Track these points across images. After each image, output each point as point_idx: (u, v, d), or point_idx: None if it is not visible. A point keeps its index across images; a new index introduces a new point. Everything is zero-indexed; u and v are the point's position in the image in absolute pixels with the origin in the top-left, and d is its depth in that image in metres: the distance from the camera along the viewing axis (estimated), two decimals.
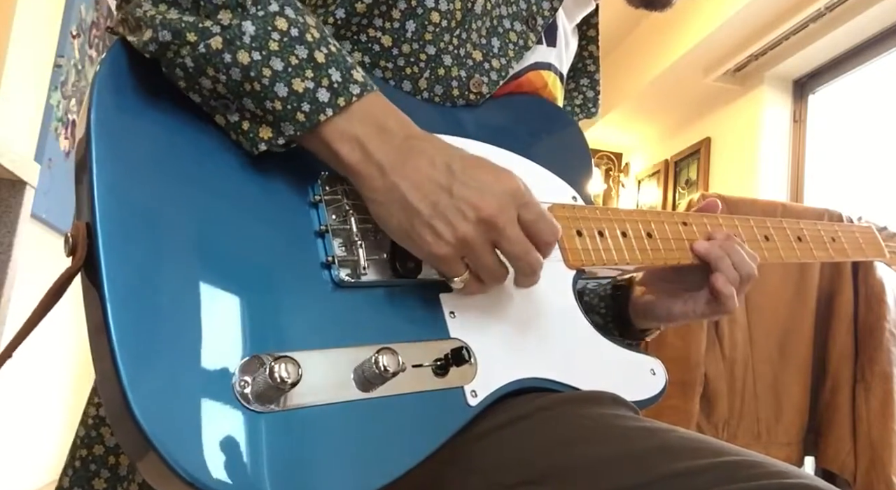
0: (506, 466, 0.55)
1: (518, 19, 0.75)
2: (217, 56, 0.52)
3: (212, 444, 0.46)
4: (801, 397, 1.76)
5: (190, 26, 0.53)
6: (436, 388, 0.56)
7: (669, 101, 3.96)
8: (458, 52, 0.70)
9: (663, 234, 0.76)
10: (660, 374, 0.72)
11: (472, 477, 0.56)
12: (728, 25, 3.19)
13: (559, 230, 0.59)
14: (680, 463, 0.50)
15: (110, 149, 0.52)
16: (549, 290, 0.67)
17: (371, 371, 0.52)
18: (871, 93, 3.20)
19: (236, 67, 0.53)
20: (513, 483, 0.54)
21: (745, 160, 3.54)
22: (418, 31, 0.67)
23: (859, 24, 2.93)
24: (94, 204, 0.49)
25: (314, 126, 0.54)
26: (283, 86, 0.53)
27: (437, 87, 0.69)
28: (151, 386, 0.46)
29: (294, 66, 0.53)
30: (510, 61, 0.73)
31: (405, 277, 0.59)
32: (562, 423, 0.58)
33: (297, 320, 0.53)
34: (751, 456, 0.51)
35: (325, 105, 0.54)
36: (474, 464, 0.57)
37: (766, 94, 3.47)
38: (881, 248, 1.00)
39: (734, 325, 1.72)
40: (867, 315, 1.73)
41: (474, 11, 0.71)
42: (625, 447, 0.54)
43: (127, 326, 0.46)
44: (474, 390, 0.58)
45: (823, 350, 1.78)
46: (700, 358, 1.65)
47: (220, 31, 0.53)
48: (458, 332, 0.60)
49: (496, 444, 0.57)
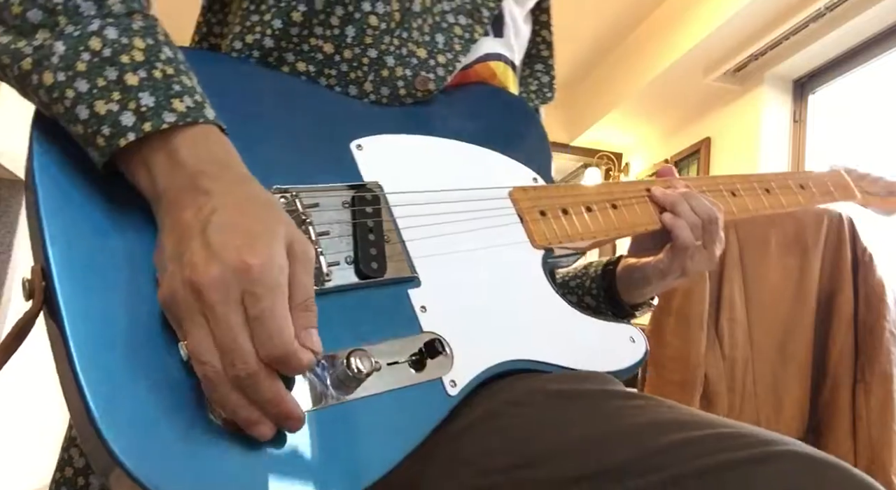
0: (496, 453, 0.55)
1: (462, 13, 0.75)
2: (27, 77, 0.51)
3: (184, 459, 0.45)
4: (800, 397, 1.76)
5: (3, 48, 0.51)
6: (414, 382, 0.56)
7: (669, 101, 3.96)
8: (401, 52, 0.70)
9: (628, 203, 0.77)
10: (639, 340, 0.71)
11: (462, 467, 0.56)
12: (728, 25, 3.18)
13: (291, 346, 0.46)
14: (669, 436, 0.50)
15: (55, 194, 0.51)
16: (519, 272, 0.68)
17: (344, 374, 0.52)
18: (871, 93, 3.20)
19: (42, 89, 0.50)
20: (504, 467, 0.54)
21: (745, 160, 3.54)
22: (358, 35, 0.68)
23: (859, 24, 2.93)
24: (46, 247, 0.49)
25: (113, 150, 0.49)
26: (84, 108, 0.49)
27: (384, 88, 0.70)
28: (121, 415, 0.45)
29: (100, 88, 0.49)
30: (457, 56, 0.73)
31: (371, 278, 0.59)
32: (550, 407, 0.57)
33: None
34: (741, 427, 0.51)
35: (128, 129, 0.49)
36: (461, 453, 0.56)
37: (766, 94, 3.47)
38: (851, 190, 1.00)
39: (734, 324, 1.72)
40: (867, 315, 1.73)
41: (412, 10, 0.71)
42: (614, 425, 0.53)
43: (91, 366, 0.45)
44: (453, 380, 0.58)
45: (823, 350, 1.78)
46: (700, 358, 1.65)
47: (31, 51, 0.50)
48: (430, 326, 0.60)
49: (483, 434, 0.57)
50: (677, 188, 0.80)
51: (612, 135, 4.61)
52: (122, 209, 0.53)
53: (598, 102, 4.39)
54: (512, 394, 0.59)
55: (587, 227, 0.73)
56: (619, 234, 0.76)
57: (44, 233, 0.49)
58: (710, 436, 0.49)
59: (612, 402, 0.57)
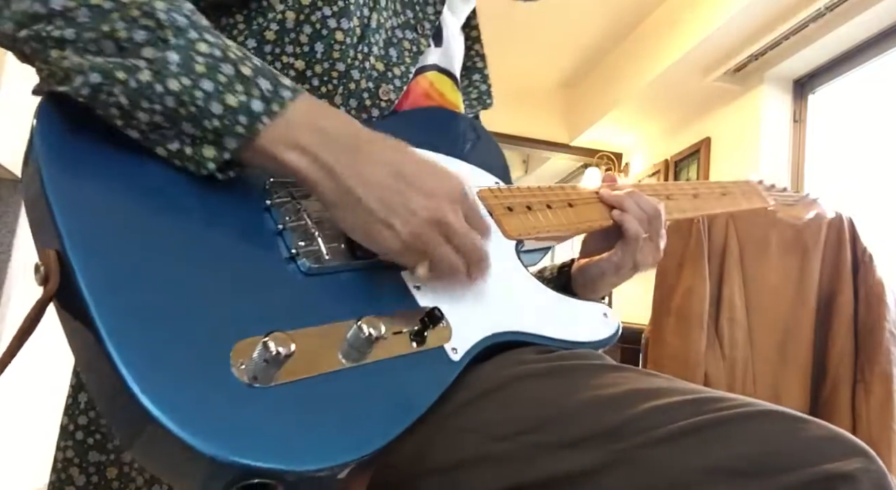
0: (499, 421, 0.58)
1: (408, 28, 0.82)
2: (148, 88, 0.54)
3: (213, 417, 0.47)
4: (800, 397, 1.76)
5: (118, 65, 0.55)
6: (418, 350, 0.60)
7: (669, 101, 3.96)
8: (364, 65, 0.75)
9: (582, 203, 0.87)
10: (611, 316, 0.79)
11: (467, 435, 0.58)
12: (728, 25, 3.18)
13: (490, 227, 0.68)
14: (659, 400, 0.55)
15: (63, 179, 0.53)
16: (498, 259, 0.73)
17: (357, 339, 0.55)
18: (871, 93, 3.20)
19: (169, 95, 0.55)
20: (509, 434, 0.57)
21: (745, 160, 3.54)
22: (326, 50, 0.72)
23: (859, 24, 2.93)
24: (60, 230, 0.50)
25: (254, 135, 0.56)
26: (217, 104, 0.55)
27: (352, 100, 0.74)
28: (159, 382, 0.46)
29: (223, 84, 0.56)
30: (409, 67, 0.80)
31: (365, 258, 0.63)
32: (551, 379, 0.61)
33: (279, 307, 0.56)
34: (720, 393, 0.56)
35: (261, 113, 0.56)
36: (468, 423, 0.59)
37: (766, 94, 3.47)
38: (763, 198, 1.16)
39: (734, 324, 1.72)
40: (867, 315, 1.73)
41: (371, 26, 0.76)
42: (612, 391, 0.58)
43: (121, 336, 0.47)
44: (454, 347, 0.62)
45: (823, 350, 1.78)
46: (700, 358, 1.65)
47: (146, 65, 0.55)
48: (426, 302, 0.64)
49: (488, 405, 0.60)
50: (622, 190, 0.89)
51: (612, 135, 4.61)
52: (130, 187, 0.56)
53: (598, 102, 4.39)
54: (510, 370, 0.63)
55: (550, 220, 0.82)
56: (578, 229, 0.85)
57: (55, 216, 0.51)
58: (689, 401, 0.54)
59: (602, 373, 0.61)
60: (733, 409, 0.52)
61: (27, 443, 2.62)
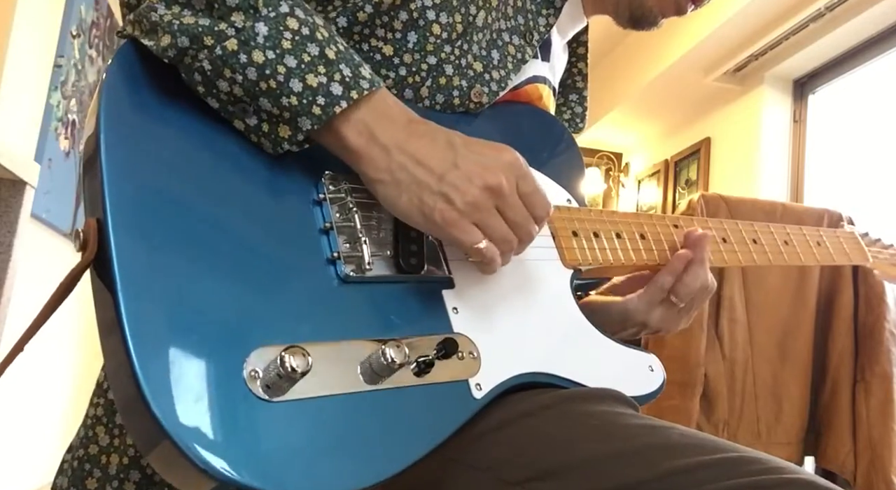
0: (511, 463, 0.56)
1: (516, 33, 0.77)
2: (233, 57, 0.55)
3: (222, 433, 0.47)
4: (801, 397, 1.76)
5: (206, 30, 0.55)
6: (441, 380, 0.57)
7: (669, 101, 3.96)
8: (460, 63, 0.71)
9: (656, 236, 0.79)
10: (657, 370, 0.73)
11: (478, 474, 0.57)
12: (728, 25, 3.18)
13: (551, 205, 0.63)
14: (681, 460, 0.51)
15: (120, 146, 0.53)
16: (548, 288, 0.69)
17: (378, 363, 0.53)
18: (871, 93, 3.20)
19: (252, 67, 0.55)
20: (520, 479, 0.55)
21: (745, 160, 3.54)
22: (420, 41, 0.69)
23: (859, 24, 2.93)
24: (105, 200, 0.50)
25: (330, 118, 0.56)
26: (297, 82, 0.55)
27: (439, 95, 0.71)
28: (164, 377, 0.46)
29: (307, 63, 0.56)
30: (509, 73, 0.75)
31: (409, 273, 0.60)
32: (566, 421, 0.59)
33: (305, 314, 0.55)
34: (750, 452, 0.52)
35: (339, 98, 0.56)
36: (479, 461, 0.58)
37: (766, 94, 3.47)
38: (864, 253, 1.02)
39: (734, 324, 1.72)
40: (867, 315, 1.73)
41: (476, 24, 0.72)
42: (627, 444, 0.55)
43: (138, 320, 0.47)
44: (479, 383, 0.59)
45: (823, 350, 1.78)
46: (700, 358, 1.65)
47: (234, 33, 0.55)
48: (461, 328, 0.61)
49: (500, 442, 0.58)
50: (692, 236, 0.78)
51: (612, 135, 4.61)
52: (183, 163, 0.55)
53: (598, 102, 4.39)
54: (530, 406, 0.60)
55: (616, 253, 0.74)
56: (645, 265, 0.76)
57: (104, 184, 0.50)
58: (721, 460, 0.51)
59: (626, 421, 0.58)
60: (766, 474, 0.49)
61: (27, 443, 2.62)
